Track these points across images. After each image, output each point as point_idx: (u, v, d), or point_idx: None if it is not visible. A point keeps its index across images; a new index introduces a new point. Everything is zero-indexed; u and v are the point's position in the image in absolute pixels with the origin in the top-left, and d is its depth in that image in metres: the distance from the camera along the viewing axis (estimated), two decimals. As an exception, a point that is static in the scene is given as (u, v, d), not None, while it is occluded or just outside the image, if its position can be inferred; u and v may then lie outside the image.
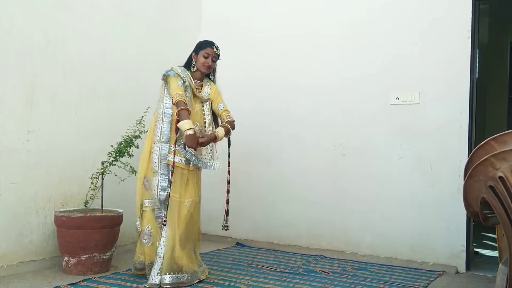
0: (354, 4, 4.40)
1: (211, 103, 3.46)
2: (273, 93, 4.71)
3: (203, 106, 3.41)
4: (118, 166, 3.60)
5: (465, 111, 3.88)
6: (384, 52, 4.22)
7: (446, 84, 3.96)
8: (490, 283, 3.47)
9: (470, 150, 3.78)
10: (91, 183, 3.54)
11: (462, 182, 2.55)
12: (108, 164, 3.55)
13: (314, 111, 4.51)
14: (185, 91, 3.25)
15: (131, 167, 3.61)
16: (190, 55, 3.44)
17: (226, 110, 3.47)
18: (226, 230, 3.49)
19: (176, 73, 3.28)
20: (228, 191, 3.47)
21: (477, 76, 4.24)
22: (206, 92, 3.42)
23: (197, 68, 3.38)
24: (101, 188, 3.57)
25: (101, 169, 3.55)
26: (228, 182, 3.46)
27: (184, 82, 3.28)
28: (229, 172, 3.45)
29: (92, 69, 3.99)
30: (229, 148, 3.51)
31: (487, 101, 7.10)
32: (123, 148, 3.55)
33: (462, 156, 3.81)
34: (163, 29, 4.69)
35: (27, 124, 3.52)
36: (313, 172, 4.50)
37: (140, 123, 3.63)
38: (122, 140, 3.60)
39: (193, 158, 3.27)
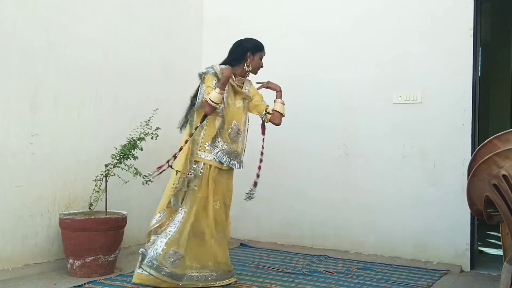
0: (355, 3, 4.40)
1: (248, 102, 3.41)
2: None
3: (244, 104, 3.36)
4: (122, 169, 3.61)
5: (468, 109, 3.88)
6: (386, 51, 4.22)
7: (448, 83, 3.96)
8: (495, 282, 3.46)
9: (473, 148, 3.78)
10: (95, 185, 3.55)
11: (466, 181, 2.55)
12: (112, 167, 3.56)
13: (317, 111, 4.50)
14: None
15: (135, 168, 3.62)
16: (245, 53, 3.33)
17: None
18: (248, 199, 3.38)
19: (214, 72, 3.20)
20: (261, 161, 3.41)
21: (479, 74, 4.24)
22: (247, 90, 3.41)
23: (252, 68, 3.37)
24: (105, 190, 3.57)
25: (105, 171, 3.56)
26: (262, 154, 3.41)
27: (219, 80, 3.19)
28: (262, 147, 3.41)
29: (95, 72, 4.01)
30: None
31: (490, 100, 7.09)
32: (127, 151, 3.56)
33: (465, 155, 3.80)
34: (165, 31, 4.70)
35: (30, 127, 3.53)
36: (316, 172, 4.50)
37: (147, 124, 3.64)
38: (126, 142, 3.61)
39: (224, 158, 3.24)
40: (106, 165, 3.58)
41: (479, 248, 4.53)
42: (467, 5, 3.90)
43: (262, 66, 3.43)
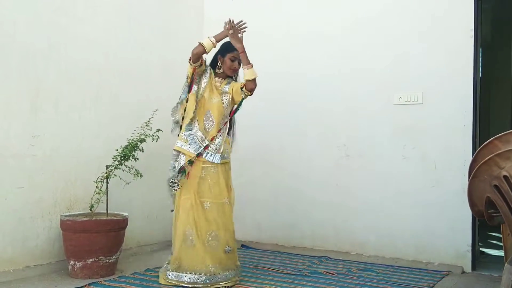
0: (356, 5, 4.40)
1: (231, 97, 3.43)
2: (276, 94, 4.72)
3: (222, 99, 3.41)
4: (123, 170, 3.61)
5: (468, 110, 3.87)
6: (387, 53, 4.21)
7: (449, 84, 3.96)
8: (496, 283, 3.46)
9: (474, 149, 3.77)
10: (96, 187, 3.55)
11: (467, 182, 2.55)
12: (112, 168, 3.56)
13: (317, 112, 4.51)
14: (200, 78, 3.35)
15: (136, 170, 3.62)
16: (216, 57, 3.46)
17: None
18: None
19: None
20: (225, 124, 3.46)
21: (480, 75, 4.23)
22: (226, 87, 3.44)
23: (223, 71, 3.42)
24: (106, 191, 3.57)
25: (106, 172, 3.56)
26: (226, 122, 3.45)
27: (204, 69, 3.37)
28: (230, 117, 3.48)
29: (95, 73, 4.01)
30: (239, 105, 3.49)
31: (491, 100, 7.09)
32: (128, 152, 3.56)
33: (466, 156, 3.80)
34: (165, 32, 4.71)
35: (31, 129, 3.53)
36: (316, 173, 4.50)
37: (147, 125, 3.64)
38: (127, 143, 3.62)
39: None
40: (107, 167, 3.58)
41: (480, 249, 4.53)
42: (467, 5, 3.90)
43: (235, 67, 3.43)
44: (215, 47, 3.32)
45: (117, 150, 3.63)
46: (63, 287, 3.15)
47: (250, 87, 3.32)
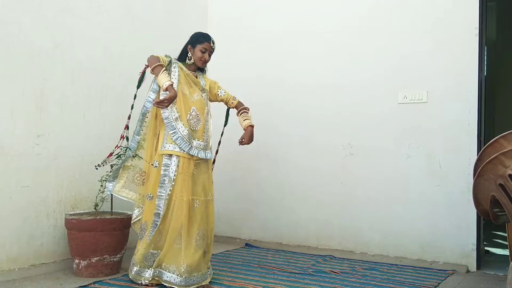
0: (360, 4, 4.40)
1: (208, 94, 3.42)
2: (281, 93, 4.72)
3: (203, 96, 3.35)
4: (127, 169, 3.61)
5: (473, 109, 3.86)
6: (392, 51, 4.21)
7: (454, 82, 3.94)
8: (501, 282, 3.45)
9: (479, 148, 3.76)
10: (101, 185, 3.56)
11: (472, 181, 2.54)
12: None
13: (322, 111, 4.50)
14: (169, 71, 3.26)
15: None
16: (186, 47, 3.39)
17: (229, 94, 3.52)
18: None
19: (167, 55, 3.32)
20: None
21: (485, 73, 4.22)
22: (202, 83, 3.40)
23: (193, 62, 3.35)
24: (110, 190, 3.58)
25: (110, 171, 3.57)
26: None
27: (172, 65, 3.29)
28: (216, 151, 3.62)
29: (100, 73, 4.02)
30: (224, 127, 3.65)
31: (496, 99, 7.07)
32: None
33: (471, 155, 3.79)
34: (170, 31, 4.71)
35: (36, 128, 3.55)
36: (321, 172, 4.50)
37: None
38: (131, 142, 3.62)
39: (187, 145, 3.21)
40: (112, 166, 3.59)
41: (485, 248, 4.52)
42: (472, 4, 3.88)
43: (205, 59, 3.34)
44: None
45: (121, 149, 3.63)
46: (68, 286, 3.16)
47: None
